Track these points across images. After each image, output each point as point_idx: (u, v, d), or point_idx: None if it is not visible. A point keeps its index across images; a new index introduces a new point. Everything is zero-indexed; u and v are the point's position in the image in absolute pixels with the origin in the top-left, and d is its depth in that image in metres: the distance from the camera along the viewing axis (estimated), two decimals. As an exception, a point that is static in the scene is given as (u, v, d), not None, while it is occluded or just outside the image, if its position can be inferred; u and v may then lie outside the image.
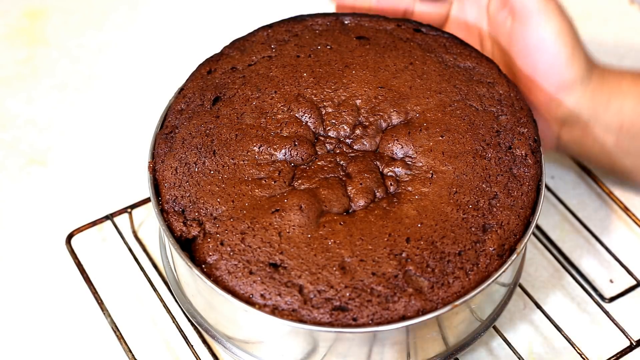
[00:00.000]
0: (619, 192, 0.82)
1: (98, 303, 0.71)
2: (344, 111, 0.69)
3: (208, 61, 0.73)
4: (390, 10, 0.78)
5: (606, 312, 0.72)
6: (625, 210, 0.79)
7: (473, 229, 0.64)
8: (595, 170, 0.83)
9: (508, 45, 0.75)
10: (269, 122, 0.68)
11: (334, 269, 0.62)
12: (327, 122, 0.69)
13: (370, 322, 0.61)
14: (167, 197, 0.66)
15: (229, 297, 0.61)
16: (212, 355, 0.70)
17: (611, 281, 0.77)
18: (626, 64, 0.92)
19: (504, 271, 0.63)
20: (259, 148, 0.67)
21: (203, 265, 0.63)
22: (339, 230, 0.63)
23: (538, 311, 0.74)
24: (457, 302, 0.62)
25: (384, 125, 0.69)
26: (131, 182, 0.81)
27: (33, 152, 0.84)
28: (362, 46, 0.73)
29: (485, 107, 0.70)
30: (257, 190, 0.65)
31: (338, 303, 0.61)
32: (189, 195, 0.65)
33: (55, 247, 0.77)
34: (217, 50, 0.74)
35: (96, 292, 0.72)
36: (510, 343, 0.70)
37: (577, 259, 0.78)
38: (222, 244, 0.63)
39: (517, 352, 0.69)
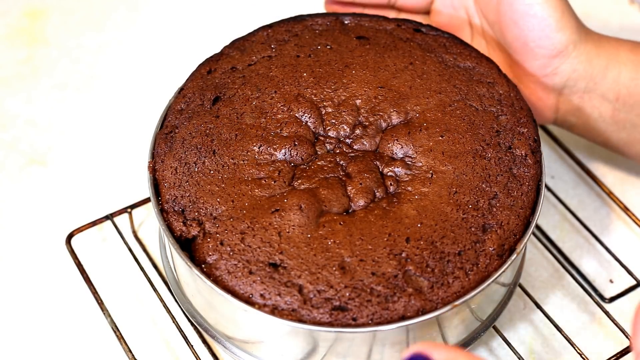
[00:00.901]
0: (619, 192, 0.82)
1: (98, 303, 0.71)
2: (344, 111, 0.69)
3: (208, 61, 0.73)
4: (374, 2, 0.80)
5: (606, 312, 0.72)
6: (625, 210, 0.79)
7: (473, 229, 0.64)
8: (595, 170, 0.83)
9: (496, 18, 0.75)
10: (269, 122, 0.68)
11: (334, 268, 0.62)
12: (327, 122, 0.69)
13: (370, 322, 0.61)
14: (167, 197, 0.66)
15: (228, 296, 0.62)
16: (212, 355, 0.70)
17: (611, 281, 0.77)
18: (626, 64, 0.92)
19: (503, 271, 0.63)
20: (259, 148, 0.67)
21: (203, 265, 0.63)
22: (338, 230, 0.63)
23: (538, 311, 0.74)
24: (456, 302, 0.62)
25: (383, 125, 0.69)
26: (131, 182, 0.81)
27: (33, 152, 0.84)
28: (362, 46, 0.73)
29: (485, 107, 0.70)
30: (257, 190, 0.65)
31: (338, 303, 0.61)
32: (188, 195, 0.65)
33: (55, 247, 0.77)
34: (217, 50, 0.74)
35: (96, 292, 0.72)
36: (510, 343, 0.70)
37: (577, 259, 0.78)
38: (221, 243, 0.63)
39: (517, 352, 0.69)
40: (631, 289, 0.75)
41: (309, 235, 0.63)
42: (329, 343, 0.62)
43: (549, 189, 0.81)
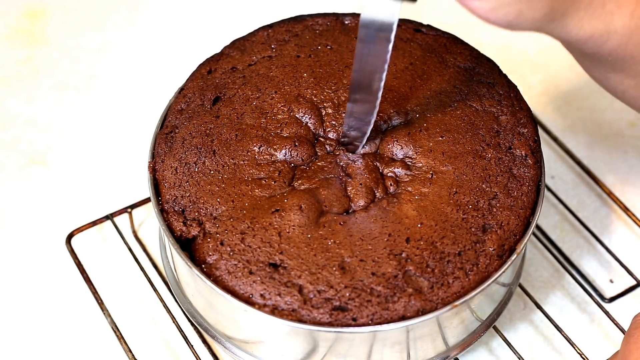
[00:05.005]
0: (619, 192, 0.82)
1: (98, 303, 0.71)
2: (344, 112, 0.69)
3: (208, 61, 0.73)
4: None
5: (606, 312, 0.72)
6: (625, 210, 0.79)
7: (473, 229, 0.64)
8: (595, 170, 0.83)
9: None
10: (269, 122, 0.68)
11: (334, 269, 0.62)
12: (327, 123, 0.69)
13: (370, 322, 0.61)
14: (167, 197, 0.66)
15: (228, 297, 0.62)
16: (212, 355, 0.70)
17: (611, 281, 0.77)
18: (626, 64, 0.92)
19: (503, 271, 0.63)
20: (259, 148, 0.67)
21: (203, 265, 0.63)
22: (338, 230, 0.63)
23: (538, 311, 0.74)
24: (456, 302, 0.62)
25: (384, 126, 0.69)
26: (131, 182, 0.81)
27: (33, 152, 0.84)
28: (362, 46, 0.73)
29: (485, 107, 0.70)
30: (257, 190, 0.65)
31: (338, 303, 0.61)
32: (189, 195, 0.65)
33: (55, 247, 0.77)
34: (217, 50, 0.74)
35: (96, 292, 0.72)
36: (510, 343, 0.70)
37: (577, 259, 0.78)
38: (222, 243, 0.63)
39: (517, 352, 0.69)
40: (631, 289, 0.75)
41: (309, 236, 0.63)
42: (329, 343, 0.62)
43: (549, 189, 0.81)
